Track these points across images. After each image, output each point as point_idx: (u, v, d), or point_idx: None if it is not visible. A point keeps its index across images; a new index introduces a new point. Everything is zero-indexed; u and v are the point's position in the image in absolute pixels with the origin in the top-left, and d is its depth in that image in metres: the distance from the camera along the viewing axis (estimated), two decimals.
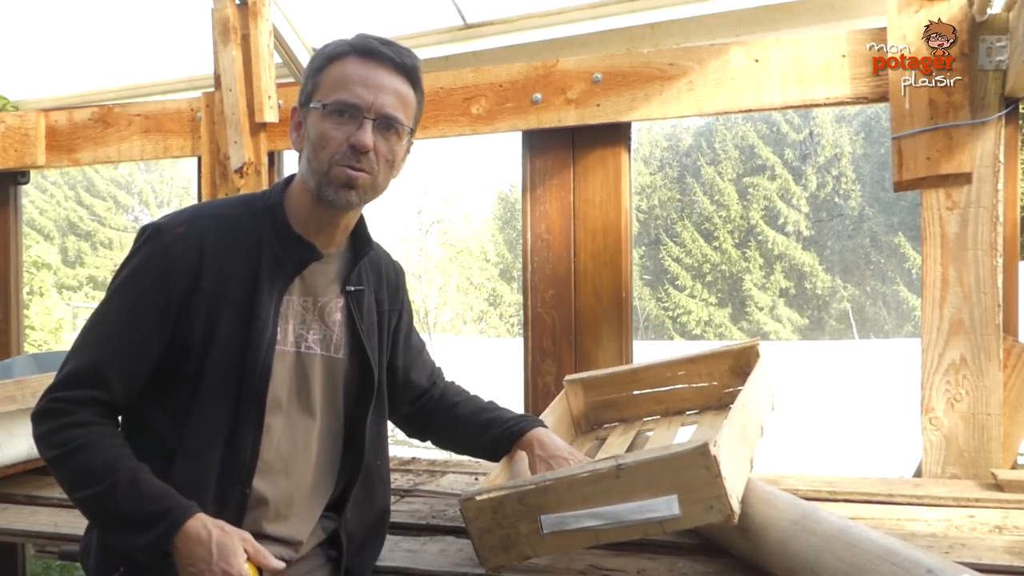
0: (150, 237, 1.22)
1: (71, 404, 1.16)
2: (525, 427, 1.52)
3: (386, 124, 1.22)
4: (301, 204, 1.27)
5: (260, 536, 1.22)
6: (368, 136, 1.19)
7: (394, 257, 1.50)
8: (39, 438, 1.18)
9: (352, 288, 1.33)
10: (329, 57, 1.23)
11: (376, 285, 1.40)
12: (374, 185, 1.24)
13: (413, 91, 1.26)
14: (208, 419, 1.19)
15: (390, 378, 1.48)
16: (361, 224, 1.34)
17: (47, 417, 1.17)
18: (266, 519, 1.25)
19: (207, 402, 1.19)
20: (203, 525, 1.11)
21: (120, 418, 1.24)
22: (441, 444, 1.65)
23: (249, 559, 1.12)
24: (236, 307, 1.20)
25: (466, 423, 1.56)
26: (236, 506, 1.21)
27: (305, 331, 1.28)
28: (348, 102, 1.19)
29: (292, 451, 1.27)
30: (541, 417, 1.83)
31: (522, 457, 1.55)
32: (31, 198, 27.10)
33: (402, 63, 1.23)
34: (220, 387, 1.19)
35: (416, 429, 1.63)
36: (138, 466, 1.15)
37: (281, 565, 1.15)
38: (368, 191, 1.24)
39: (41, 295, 15.84)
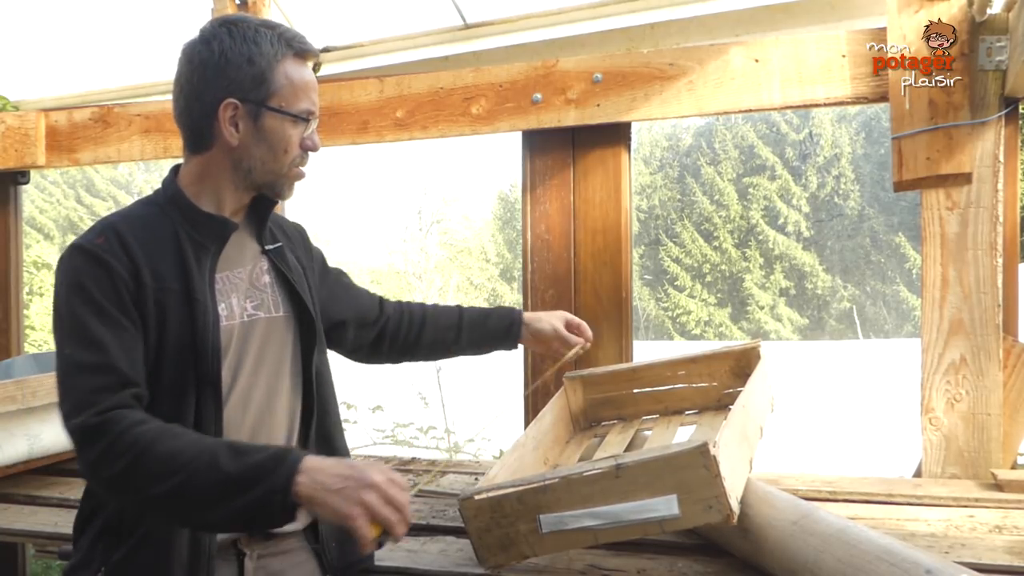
0: (74, 255, 1.20)
1: (118, 411, 1.10)
2: (517, 312, 1.78)
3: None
4: (214, 189, 1.30)
5: None
6: (318, 139, 1.33)
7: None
8: (97, 461, 1.08)
9: (270, 247, 1.37)
10: (274, 56, 1.26)
11: (287, 244, 1.44)
12: None
13: None
14: (171, 408, 1.20)
15: (343, 318, 1.59)
16: None
17: (97, 435, 1.08)
18: None
19: (168, 392, 1.20)
20: (315, 457, 1.08)
21: None
22: (424, 353, 1.76)
23: None
24: (177, 296, 1.22)
25: (455, 324, 1.73)
26: None
27: (245, 301, 1.31)
28: (311, 111, 1.29)
29: (256, 420, 1.28)
30: (540, 413, 1.84)
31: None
32: (31, 197, 27.09)
33: (318, 59, 1.34)
34: (178, 375, 1.21)
35: (388, 352, 1.72)
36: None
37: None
38: None
39: (41, 295, 15.85)
